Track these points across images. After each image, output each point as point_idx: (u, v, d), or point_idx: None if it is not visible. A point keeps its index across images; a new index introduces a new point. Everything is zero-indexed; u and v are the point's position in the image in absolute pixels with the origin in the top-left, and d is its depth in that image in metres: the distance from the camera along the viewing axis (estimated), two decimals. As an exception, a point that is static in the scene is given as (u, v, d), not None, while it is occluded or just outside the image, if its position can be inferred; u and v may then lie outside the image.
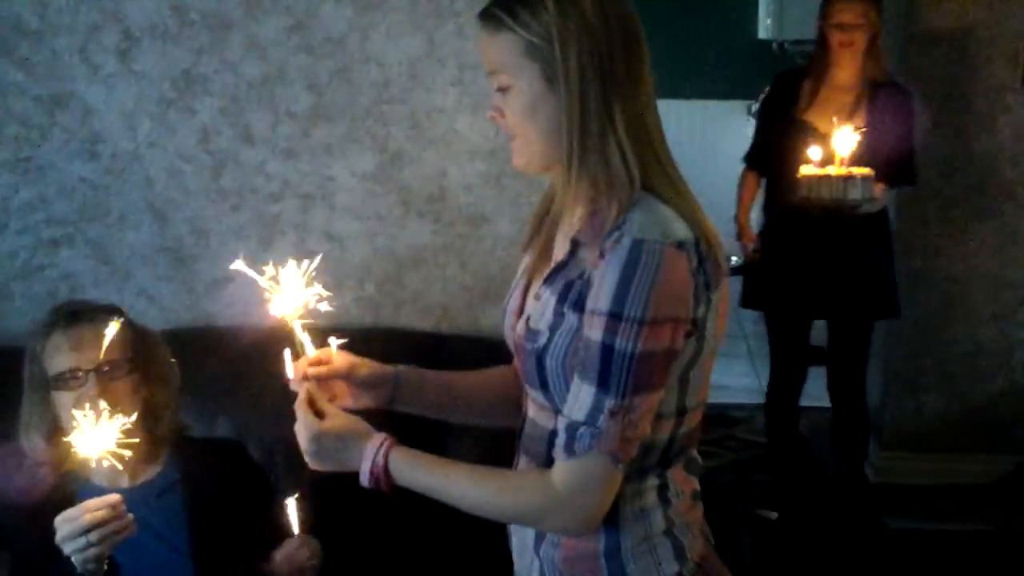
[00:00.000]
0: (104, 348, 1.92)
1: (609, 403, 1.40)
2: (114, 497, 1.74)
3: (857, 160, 3.29)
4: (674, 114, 7.34)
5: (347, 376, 1.69)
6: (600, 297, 1.41)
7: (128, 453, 1.74)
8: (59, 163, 2.63)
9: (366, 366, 1.71)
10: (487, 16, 1.48)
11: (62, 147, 2.62)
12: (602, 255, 1.43)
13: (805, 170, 3.29)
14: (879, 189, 3.36)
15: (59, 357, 1.94)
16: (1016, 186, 4.00)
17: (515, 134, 1.51)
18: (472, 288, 2.69)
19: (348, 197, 2.65)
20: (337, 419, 1.55)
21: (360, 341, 2.59)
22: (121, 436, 1.74)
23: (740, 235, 3.81)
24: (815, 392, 3.92)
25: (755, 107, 7.09)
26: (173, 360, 2.09)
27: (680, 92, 7.31)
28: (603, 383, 1.41)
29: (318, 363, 1.69)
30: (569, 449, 1.43)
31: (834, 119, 3.34)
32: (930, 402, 4.12)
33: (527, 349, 1.53)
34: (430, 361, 2.53)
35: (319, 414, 1.57)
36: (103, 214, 2.65)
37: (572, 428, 1.43)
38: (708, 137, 7.37)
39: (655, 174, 1.49)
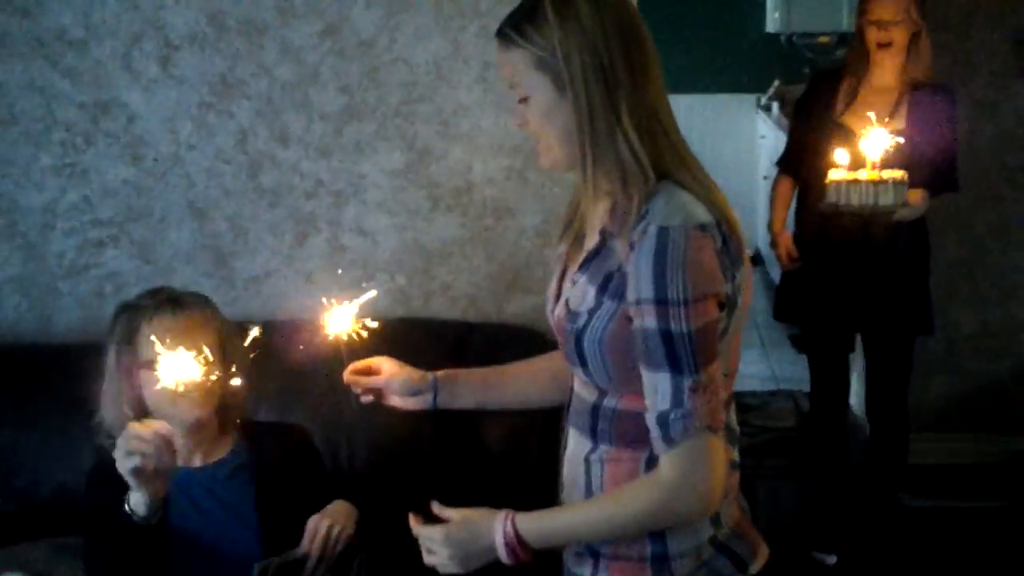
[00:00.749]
0: (204, 334, 2.05)
1: (687, 383, 1.51)
2: (163, 424, 1.86)
3: (893, 164, 3.12)
4: (684, 108, 7.44)
5: (385, 387, 1.89)
6: (641, 287, 1.53)
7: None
8: (103, 167, 2.75)
9: (400, 378, 1.90)
10: (501, 35, 1.63)
11: (106, 151, 2.75)
12: (632, 246, 1.56)
13: (833, 175, 3.12)
14: (919, 196, 3.18)
15: (161, 341, 1.98)
16: (1018, 172, 4.10)
17: (539, 139, 1.65)
18: (498, 278, 2.81)
19: (378, 193, 2.77)
20: (454, 518, 1.67)
21: (392, 330, 2.73)
22: (202, 373, 1.87)
23: (774, 243, 3.57)
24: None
25: (764, 100, 7.20)
26: (246, 351, 2.19)
27: (689, 86, 7.40)
28: (675, 366, 1.51)
29: (367, 371, 1.90)
30: (667, 439, 1.53)
31: (871, 121, 3.15)
32: (939, 383, 4.22)
33: (567, 330, 1.66)
34: (459, 347, 2.65)
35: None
36: (146, 214, 2.78)
37: (663, 418, 1.53)
38: (718, 130, 7.46)
39: (671, 163, 1.60)
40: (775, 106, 6.89)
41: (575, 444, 1.75)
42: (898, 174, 3.06)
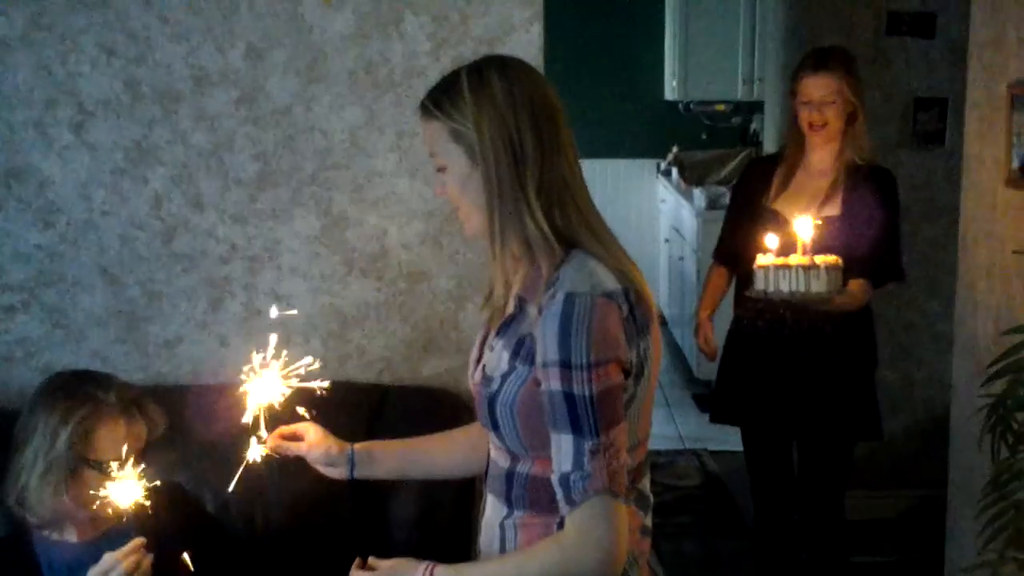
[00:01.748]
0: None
1: (588, 445, 1.57)
2: (139, 541, 1.91)
3: (832, 251, 3.01)
4: (587, 172, 7.52)
5: (306, 455, 1.97)
6: (547, 350, 1.60)
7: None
8: (15, 232, 2.74)
9: (320, 450, 1.97)
10: (422, 107, 1.72)
11: (18, 216, 2.73)
12: (540, 311, 1.62)
13: (762, 260, 2.96)
14: (859, 286, 3.05)
15: (113, 446, 2.04)
16: (911, 237, 4.26)
17: (458, 207, 1.73)
18: (413, 342, 2.85)
19: (294, 258, 2.80)
20: (383, 565, 1.74)
21: (308, 393, 2.74)
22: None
23: (696, 330, 3.42)
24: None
25: (663, 165, 7.39)
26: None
27: (592, 152, 7.56)
28: (577, 429, 1.58)
29: (292, 437, 1.97)
30: (569, 500, 1.59)
31: (801, 207, 3.07)
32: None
33: (482, 394, 1.71)
34: (375, 410, 2.68)
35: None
36: (58, 280, 2.76)
37: (564, 480, 1.59)
38: (620, 195, 7.63)
39: (582, 233, 1.68)
40: (674, 171, 7.08)
41: (492, 510, 1.80)
42: (831, 259, 2.93)
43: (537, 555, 1.64)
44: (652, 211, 7.62)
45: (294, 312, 2.02)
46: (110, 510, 1.95)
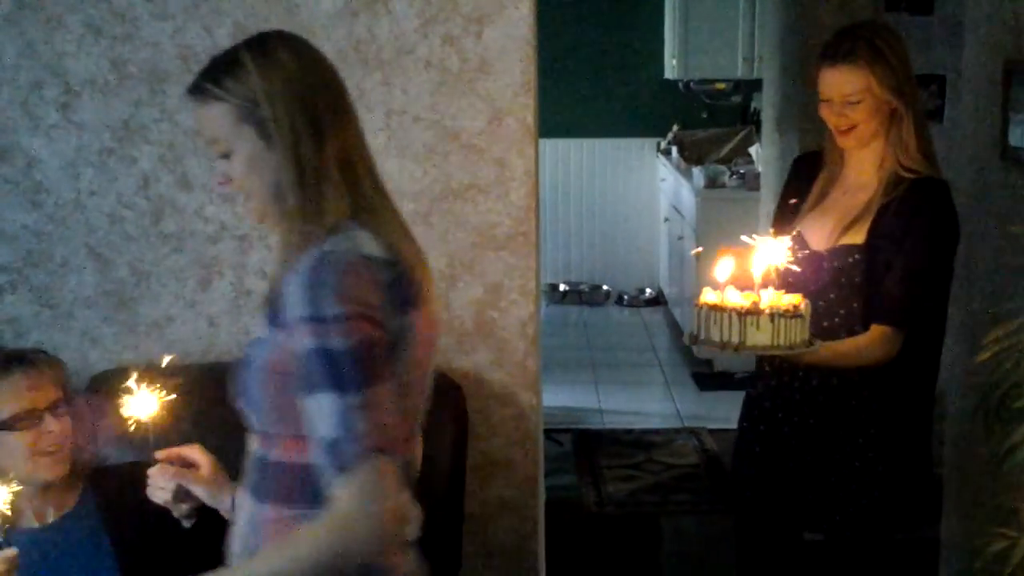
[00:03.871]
0: (55, 386, 2.09)
1: (352, 401, 1.44)
2: (10, 552, 1.85)
3: (847, 291, 2.46)
4: (587, 152, 7.59)
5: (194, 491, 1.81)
6: (296, 307, 1.49)
7: None
8: (2, 212, 2.72)
9: (205, 487, 1.81)
10: (196, 90, 1.60)
11: (5, 197, 2.72)
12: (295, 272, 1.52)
13: (706, 296, 2.33)
14: (868, 340, 2.42)
15: (15, 400, 2.06)
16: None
17: (246, 193, 1.62)
18: (404, 321, 2.83)
19: (283, 238, 2.78)
20: None
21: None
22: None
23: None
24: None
25: (663, 144, 7.37)
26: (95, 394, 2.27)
27: (592, 131, 7.56)
28: (337, 385, 1.45)
29: (179, 459, 1.83)
30: (340, 466, 1.45)
31: (827, 230, 2.50)
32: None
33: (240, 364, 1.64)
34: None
35: None
36: (46, 260, 2.75)
37: (332, 445, 1.45)
38: (620, 174, 7.61)
39: (361, 204, 1.60)
40: (674, 150, 7.06)
41: (241, 506, 1.69)
42: (789, 302, 2.27)
43: (307, 537, 1.50)
44: (652, 190, 7.59)
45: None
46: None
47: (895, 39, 2.48)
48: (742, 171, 6.33)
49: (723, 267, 2.33)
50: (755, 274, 2.29)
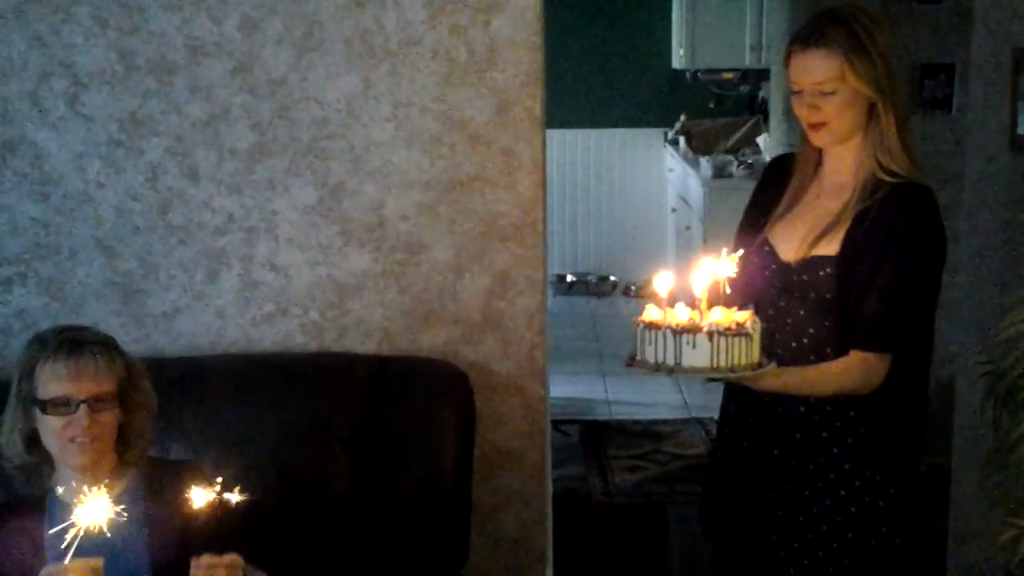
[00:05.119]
0: (98, 381, 2.06)
1: None
2: (96, 561, 1.86)
3: (822, 308, 2.19)
4: (593, 142, 7.58)
5: None
6: None
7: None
8: (10, 204, 2.73)
9: None
10: None
11: (13, 189, 2.72)
12: None
13: (648, 312, 2.07)
14: (840, 367, 2.16)
15: (54, 384, 2.05)
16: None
17: None
18: (412, 312, 2.83)
19: (291, 229, 2.79)
20: None
21: (308, 366, 2.75)
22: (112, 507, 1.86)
23: None
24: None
25: (671, 134, 7.35)
26: (153, 392, 2.22)
27: (599, 121, 7.55)
28: None
29: None
30: None
31: (795, 239, 2.23)
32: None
33: None
34: (373, 380, 2.67)
35: None
36: (54, 252, 2.75)
37: None
38: (627, 164, 7.60)
39: None
40: (681, 140, 7.05)
41: None
42: (734, 319, 2.02)
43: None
44: (659, 180, 7.58)
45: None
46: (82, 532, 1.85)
47: (876, 25, 2.18)
48: (750, 161, 6.31)
49: (663, 281, 2.07)
50: (695, 290, 2.05)
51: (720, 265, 2.05)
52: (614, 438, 4.98)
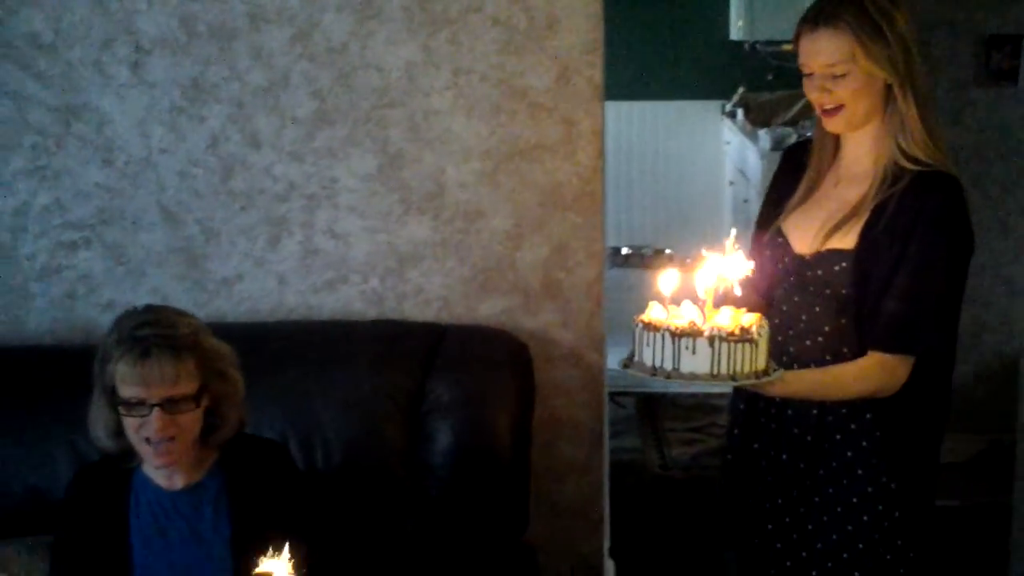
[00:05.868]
0: (171, 384, 1.96)
1: None
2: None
3: (838, 305, 2.06)
4: (649, 114, 7.51)
5: None
6: None
7: None
8: (75, 169, 2.76)
9: None
10: None
11: (78, 154, 2.75)
12: None
13: (652, 311, 1.91)
14: (858, 369, 2.03)
15: (127, 385, 1.96)
16: (982, 178, 4.18)
17: None
18: (470, 281, 2.83)
19: (351, 197, 2.79)
20: None
21: (366, 333, 2.75)
22: None
23: None
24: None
25: (728, 107, 7.27)
26: (240, 377, 2.12)
27: (655, 93, 7.47)
28: None
29: None
30: None
31: (813, 231, 2.10)
32: (906, 385, 4.26)
33: None
34: (432, 349, 2.67)
35: None
36: (118, 217, 2.78)
37: None
38: (684, 136, 7.52)
39: None
40: (739, 112, 6.96)
41: None
42: (737, 322, 1.87)
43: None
44: (716, 153, 7.49)
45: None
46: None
47: (891, 3, 2.04)
48: (809, 134, 6.23)
49: (668, 280, 1.92)
50: (699, 290, 1.89)
51: (728, 263, 1.89)
52: (669, 410, 4.96)
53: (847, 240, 2.06)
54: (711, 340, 1.83)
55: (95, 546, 2.09)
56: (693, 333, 1.84)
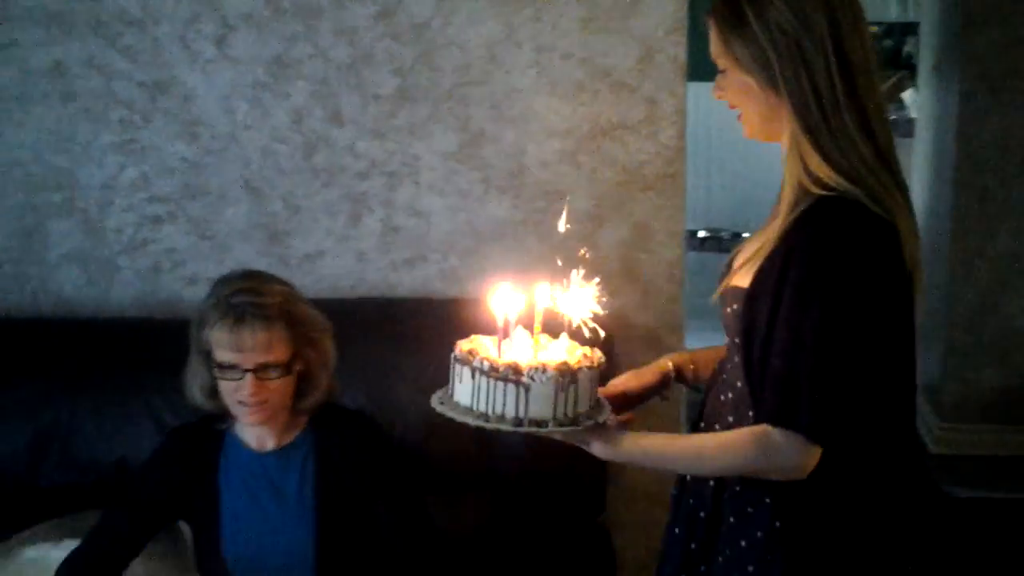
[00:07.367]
0: (264, 351, 2.00)
1: None
2: None
3: (748, 359, 1.62)
4: (705, 96, 7.41)
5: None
6: None
7: None
8: (161, 144, 2.79)
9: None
10: None
11: (164, 129, 2.79)
12: None
13: (468, 342, 1.69)
14: (752, 438, 1.57)
15: (221, 350, 2.00)
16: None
17: None
18: (551, 261, 2.81)
19: (432, 175, 2.79)
20: None
21: (445, 311, 2.75)
22: None
23: None
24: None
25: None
26: (331, 345, 2.14)
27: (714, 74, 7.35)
28: None
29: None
30: None
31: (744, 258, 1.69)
32: (987, 375, 4.18)
33: None
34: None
35: None
36: (203, 192, 2.81)
37: None
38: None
39: None
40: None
41: None
42: (588, 357, 1.67)
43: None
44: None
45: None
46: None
47: None
48: (894, 117, 6.10)
49: (502, 296, 1.65)
50: (496, 317, 1.62)
51: (548, 289, 1.65)
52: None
53: (746, 278, 1.65)
54: (473, 372, 1.54)
55: (183, 496, 2.14)
56: (465, 360, 1.57)
